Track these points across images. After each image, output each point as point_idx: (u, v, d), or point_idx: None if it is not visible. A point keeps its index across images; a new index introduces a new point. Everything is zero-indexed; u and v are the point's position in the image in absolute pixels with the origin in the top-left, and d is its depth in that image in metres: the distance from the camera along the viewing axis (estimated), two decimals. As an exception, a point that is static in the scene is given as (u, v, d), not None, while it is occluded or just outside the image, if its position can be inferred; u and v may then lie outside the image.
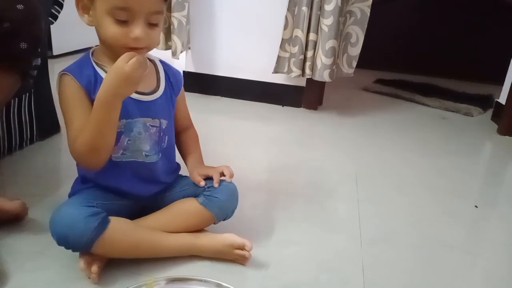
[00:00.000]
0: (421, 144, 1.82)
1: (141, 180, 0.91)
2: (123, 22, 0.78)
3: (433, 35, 3.27)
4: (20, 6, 1.04)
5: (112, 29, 0.79)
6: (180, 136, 1.03)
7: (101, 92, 0.76)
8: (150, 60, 0.93)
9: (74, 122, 0.81)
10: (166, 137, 0.93)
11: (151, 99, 0.89)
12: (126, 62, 0.74)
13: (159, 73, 0.93)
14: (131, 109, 0.85)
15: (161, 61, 0.96)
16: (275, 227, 1.07)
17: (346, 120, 2.06)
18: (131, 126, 0.86)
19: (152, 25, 0.81)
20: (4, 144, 1.28)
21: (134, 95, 0.85)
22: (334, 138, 1.82)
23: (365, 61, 2.21)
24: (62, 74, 0.83)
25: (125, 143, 0.86)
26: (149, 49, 0.86)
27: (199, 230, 0.93)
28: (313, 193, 1.29)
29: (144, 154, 0.89)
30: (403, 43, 3.29)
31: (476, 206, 1.29)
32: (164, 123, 0.91)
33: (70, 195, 0.91)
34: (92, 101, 0.81)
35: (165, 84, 0.93)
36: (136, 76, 0.75)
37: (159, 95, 0.90)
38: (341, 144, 1.74)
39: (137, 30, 0.79)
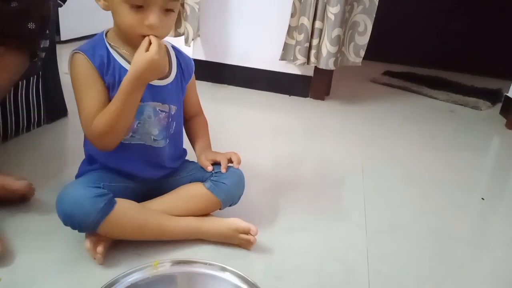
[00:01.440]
0: (428, 136, 1.81)
1: (147, 164, 0.91)
2: (138, 9, 0.78)
3: (442, 28, 3.24)
4: (28, -14, 1.04)
5: (128, 17, 0.78)
6: (190, 122, 1.03)
7: (128, 79, 0.78)
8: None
9: (88, 101, 0.81)
10: (174, 123, 0.93)
11: (162, 84, 0.88)
12: (146, 49, 0.76)
13: (170, 58, 0.92)
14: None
15: (173, 47, 0.95)
16: (280, 214, 1.07)
17: (353, 111, 2.04)
18: (142, 109, 0.85)
19: (168, 11, 0.81)
20: (11, 126, 1.28)
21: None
22: (340, 128, 1.81)
23: (373, 53, 2.19)
24: (75, 53, 0.83)
25: (135, 125, 0.86)
26: (163, 37, 0.85)
27: (205, 214, 0.93)
28: (319, 182, 1.29)
29: (152, 138, 0.89)
30: (412, 35, 3.26)
31: (483, 199, 1.28)
32: (174, 108, 0.91)
33: (77, 177, 0.91)
34: (104, 81, 0.81)
35: (177, 69, 0.92)
36: (160, 59, 0.77)
37: (170, 81, 0.90)
38: (348, 135, 1.73)
39: (152, 17, 0.78)
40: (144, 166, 0.91)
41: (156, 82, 0.87)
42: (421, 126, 1.93)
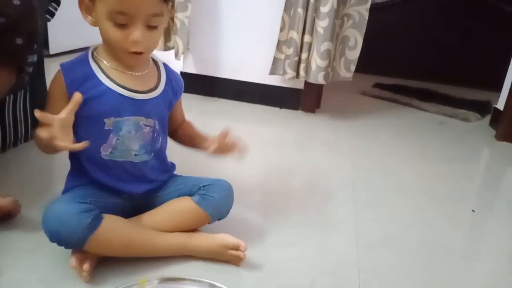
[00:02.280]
0: (418, 149, 1.81)
1: (132, 178, 0.90)
2: (122, 26, 0.78)
3: (432, 40, 3.27)
4: (16, 1, 1.02)
5: (112, 33, 0.79)
6: (179, 130, 1.03)
7: None
8: (154, 61, 0.93)
9: (48, 112, 0.79)
10: (160, 137, 0.92)
11: (145, 98, 0.87)
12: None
13: (160, 74, 0.92)
14: (122, 107, 0.84)
15: (164, 64, 0.95)
16: (270, 228, 1.06)
17: (343, 124, 2.05)
18: (120, 125, 0.84)
19: (152, 27, 0.80)
20: (-2, 141, 1.26)
21: (127, 93, 0.84)
22: (331, 141, 1.81)
23: (363, 66, 2.20)
24: (59, 68, 0.83)
25: (114, 141, 0.85)
26: (149, 51, 0.85)
27: (193, 229, 0.92)
28: (309, 195, 1.28)
29: (133, 153, 0.88)
30: (402, 48, 3.29)
31: (473, 211, 1.29)
32: (157, 123, 0.90)
33: (64, 192, 0.90)
34: (70, 96, 0.81)
35: (165, 85, 0.91)
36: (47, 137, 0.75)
37: (156, 95, 0.89)
38: (338, 147, 1.73)
39: (136, 33, 0.78)
40: (128, 181, 0.90)
41: (138, 96, 0.86)
42: (411, 138, 1.94)
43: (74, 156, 0.89)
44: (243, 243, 0.87)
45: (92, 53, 0.86)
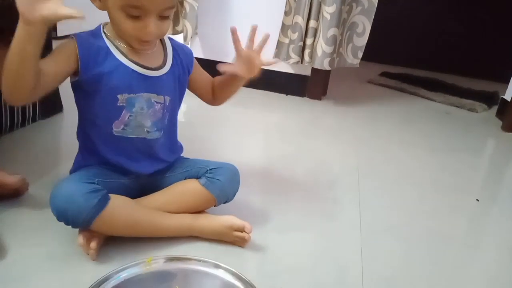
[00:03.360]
0: (424, 138, 1.81)
1: (141, 156, 0.91)
2: (135, 17, 0.78)
3: (440, 30, 3.24)
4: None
5: (124, 24, 0.78)
6: (214, 90, 1.03)
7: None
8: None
9: (45, 58, 0.77)
10: (168, 114, 0.92)
11: (156, 75, 0.87)
12: None
13: (166, 50, 0.91)
14: (134, 83, 0.84)
15: (170, 39, 0.94)
16: (275, 213, 1.07)
17: (349, 111, 2.04)
18: (133, 101, 0.85)
19: (163, 17, 0.80)
20: (6, 121, 1.27)
21: (140, 69, 0.84)
22: (337, 128, 1.81)
23: (370, 54, 2.19)
24: (72, 36, 0.82)
25: (127, 118, 0.85)
26: (159, 38, 0.87)
27: (199, 211, 0.93)
28: (314, 182, 1.29)
29: (145, 130, 0.88)
30: (410, 37, 3.27)
31: (477, 200, 1.29)
32: (168, 99, 0.90)
33: (72, 171, 0.91)
34: (81, 67, 0.80)
35: (173, 61, 0.91)
36: None
37: (165, 72, 0.89)
38: (343, 135, 1.73)
39: (150, 27, 0.78)
40: (139, 159, 0.91)
41: (150, 72, 0.86)
42: (417, 128, 1.94)
43: (85, 133, 0.89)
44: (248, 224, 0.88)
45: (103, 30, 0.85)
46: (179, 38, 2.06)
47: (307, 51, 1.97)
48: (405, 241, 1.03)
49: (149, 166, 0.93)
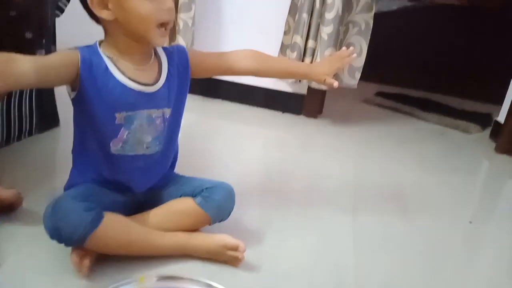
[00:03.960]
0: (418, 158, 1.82)
1: (138, 173, 0.91)
2: None
3: (435, 51, 3.29)
4: (27, -5, 1.05)
5: (144, 7, 0.78)
6: (241, 61, 1.04)
7: None
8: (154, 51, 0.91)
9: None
10: (168, 126, 0.92)
11: (154, 90, 0.87)
12: None
13: (161, 61, 0.90)
14: (133, 101, 0.84)
15: (163, 48, 0.92)
16: (269, 231, 1.07)
17: (345, 130, 2.06)
18: (131, 119, 0.85)
19: None
20: (2, 134, 1.27)
21: (138, 87, 0.84)
22: (332, 146, 1.82)
23: (366, 74, 2.21)
24: (75, 48, 0.82)
25: (125, 136, 0.86)
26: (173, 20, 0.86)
27: (193, 230, 0.93)
28: (309, 199, 1.29)
29: (145, 146, 0.88)
30: (405, 57, 3.30)
31: (470, 222, 1.29)
32: (167, 112, 0.90)
33: (66, 188, 0.91)
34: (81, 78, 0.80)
35: (168, 70, 0.90)
36: None
37: (161, 85, 0.88)
38: (339, 153, 1.74)
39: (169, 1, 0.80)
40: (135, 176, 0.91)
41: (148, 89, 0.86)
42: (412, 147, 1.95)
43: (81, 149, 0.89)
44: (241, 244, 0.88)
45: (99, 47, 0.85)
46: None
47: (305, 71, 1.99)
48: (399, 260, 1.04)
49: (145, 182, 0.93)
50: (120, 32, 0.83)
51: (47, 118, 1.45)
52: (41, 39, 1.14)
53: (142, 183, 0.92)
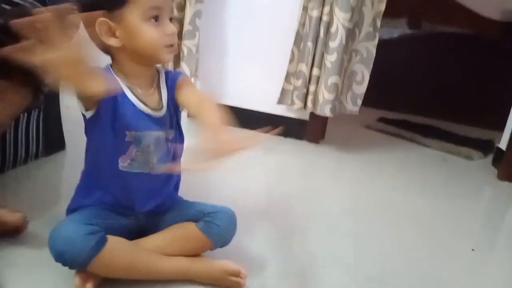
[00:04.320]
0: (421, 184, 1.83)
1: (144, 192, 0.93)
2: (156, 24, 0.84)
3: (437, 77, 3.32)
4: (38, 25, 1.08)
5: (150, 33, 0.83)
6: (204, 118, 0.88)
7: None
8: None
9: None
10: (173, 147, 0.94)
11: (160, 115, 0.91)
12: None
13: (160, 89, 0.93)
14: (142, 123, 0.88)
15: (165, 72, 0.96)
16: (270, 256, 1.07)
17: (347, 156, 2.07)
18: (140, 138, 0.88)
19: (171, 20, 0.87)
20: (9, 157, 1.29)
21: (146, 109, 0.88)
22: (334, 172, 1.83)
23: (368, 99, 2.24)
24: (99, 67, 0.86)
25: (133, 153, 0.88)
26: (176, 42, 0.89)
27: (195, 255, 0.94)
28: (310, 225, 1.30)
29: (150, 165, 0.91)
30: (407, 83, 3.34)
31: (473, 250, 1.29)
32: (171, 133, 0.93)
33: (69, 208, 0.92)
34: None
35: (167, 95, 0.93)
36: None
37: (165, 110, 0.92)
38: (341, 178, 1.75)
39: (171, 27, 0.86)
40: (140, 195, 0.92)
41: (155, 113, 0.89)
42: (414, 174, 1.96)
43: (90, 167, 0.92)
44: (243, 270, 0.89)
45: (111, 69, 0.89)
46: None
47: (310, 98, 2.02)
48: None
49: (150, 201, 0.94)
50: (127, 57, 0.87)
51: (53, 142, 1.48)
52: (51, 66, 1.17)
53: (146, 202, 0.94)
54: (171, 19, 0.87)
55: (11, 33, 1.06)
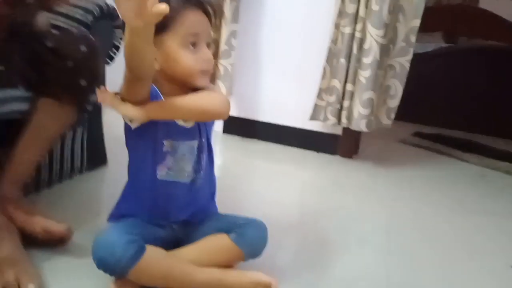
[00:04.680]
0: (457, 200, 1.79)
1: (180, 199, 0.98)
2: (193, 49, 0.89)
3: (474, 90, 3.24)
4: (83, 48, 1.17)
5: (187, 60, 0.88)
6: None
7: None
8: None
9: None
10: (204, 154, 0.99)
11: (191, 125, 0.95)
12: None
13: None
14: (179, 133, 0.93)
15: None
16: (301, 270, 1.09)
17: (381, 171, 2.06)
18: (176, 147, 0.93)
19: (208, 45, 0.92)
20: (56, 172, 1.38)
21: (180, 121, 0.93)
22: (367, 187, 1.83)
23: (403, 114, 2.23)
24: None
25: (170, 162, 0.94)
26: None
27: (227, 266, 0.97)
28: (342, 240, 1.30)
29: (186, 174, 0.96)
30: (443, 97, 3.28)
31: (511, 266, 1.26)
32: (203, 143, 0.98)
33: (112, 214, 0.99)
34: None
35: None
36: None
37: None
38: (374, 194, 1.75)
39: (207, 52, 0.91)
40: (177, 204, 0.98)
41: (187, 124, 0.94)
42: (450, 189, 1.92)
43: (132, 178, 0.98)
44: (274, 281, 0.92)
45: None
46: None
47: (344, 113, 2.03)
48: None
49: (186, 209, 0.99)
50: (164, 78, 0.92)
51: (97, 157, 1.56)
52: (94, 86, 1.25)
53: (182, 211, 0.99)
54: (208, 44, 0.92)
55: (59, 56, 1.16)
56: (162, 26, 0.86)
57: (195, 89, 0.93)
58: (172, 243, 0.98)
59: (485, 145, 2.76)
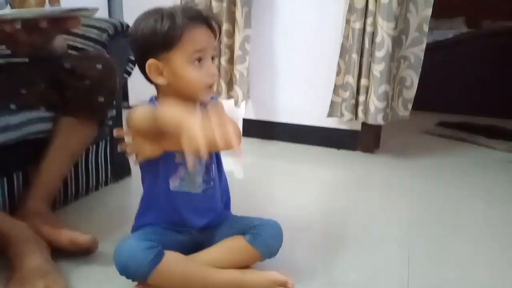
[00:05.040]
0: (484, 189, 1.76)
1: (195, 210, 1.01)
2: (199, 64, 0.92)
3: (498, 75, 3.16)
4: (99, 66, 1.23)
5: (193, 75, 0.92)
6: None
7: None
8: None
9: None
10: (213, 165, 1.02)
11: None
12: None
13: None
14: None
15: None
16: (322, 268, 1.10)
17: (404, 164, 2.04)
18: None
19: (212, 59, 0.96)
20: (82, 185, 1.45)
21: None
22: (390, 182, 1.81)
23: (425, 103, 2.21)
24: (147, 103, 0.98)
25: (182, 173, 0.98)
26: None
27: (245, 266, 1.00)
28: (364, 236, 1.30)
29: (197, 185, 0.99)
30: (465, 83, 3.21)
31: (538, 254, 1.23)
32: (213, 154, 1.02)
33: (133, 229, 1.03)
34: None
35: None
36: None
37: None
38: (397, 188, 1.73)
39: (213, 68, 0.94)
40: (192, 213, 1.01)
41: None
42: (477, 178, 1.89)
43: (148, 192, 1.02)
44: (290, 280, 0.94)
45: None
46: (230, 102, 2.23)
47: (360, 108, 2.04)
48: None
49: (201, 217, 1.02)
50: (171, 92, 0.96)
51: (121, 169, 1.63)
52: (112, 102, 1.31)
53: (197, 219, 1.02)
54: (213, 58, 0.96)
55: (77, 76, 1.22)
56: (169, 44, 0.90)
57: (201, 103, 0.97)
58: (191, 248, 1.01)
59: (511, 130, 2.69)
